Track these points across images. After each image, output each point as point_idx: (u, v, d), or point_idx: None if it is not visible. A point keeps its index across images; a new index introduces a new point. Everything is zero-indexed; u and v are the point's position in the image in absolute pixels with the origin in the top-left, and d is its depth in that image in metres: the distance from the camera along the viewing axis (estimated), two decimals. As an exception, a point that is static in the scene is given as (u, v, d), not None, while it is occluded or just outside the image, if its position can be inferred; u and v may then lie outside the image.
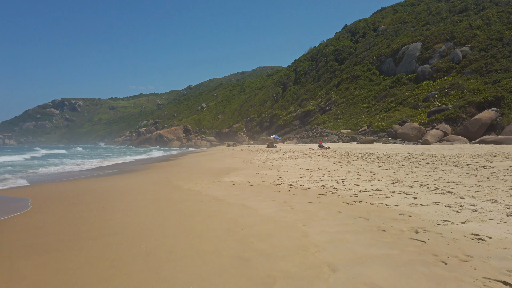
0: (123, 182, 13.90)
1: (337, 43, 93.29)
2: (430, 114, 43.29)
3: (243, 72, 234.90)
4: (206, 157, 33.73)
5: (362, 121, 54.63)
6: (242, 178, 12.72)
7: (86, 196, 10.50)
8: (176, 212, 7.50)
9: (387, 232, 5.32)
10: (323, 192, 8.78)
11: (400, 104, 52.97)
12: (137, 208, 8.20)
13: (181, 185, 11.83)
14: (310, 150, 30.56)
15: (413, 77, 58.70)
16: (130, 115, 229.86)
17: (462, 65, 52.60)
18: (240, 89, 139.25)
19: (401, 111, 50.62)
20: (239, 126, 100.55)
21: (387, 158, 16.35)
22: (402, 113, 49.36)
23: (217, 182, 12.13)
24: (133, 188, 11.85)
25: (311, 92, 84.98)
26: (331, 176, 11.62)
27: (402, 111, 50.47)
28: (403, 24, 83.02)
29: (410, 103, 51.24)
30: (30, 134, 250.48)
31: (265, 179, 12.09)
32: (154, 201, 8.99)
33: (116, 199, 9.58)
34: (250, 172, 14.94)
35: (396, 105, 53.13)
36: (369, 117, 54.71)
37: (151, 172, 18.70)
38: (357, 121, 56.07)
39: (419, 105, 49.01)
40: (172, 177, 14.79)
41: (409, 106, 50.83)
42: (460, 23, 63.52)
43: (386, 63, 67.67)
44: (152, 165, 25.80)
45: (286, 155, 24.10)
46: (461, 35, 58.35)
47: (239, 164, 19.98)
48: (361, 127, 52.63)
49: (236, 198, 8.71)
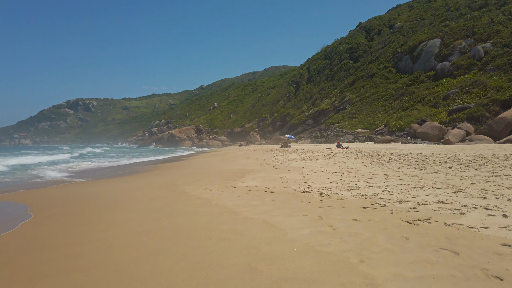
0: (123, 186, 12.22)
1: (352, 41, 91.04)
2: (451, 113, 41.36)
3: (255, 72, 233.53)
4: (218, 157, 31.99)
5: (379, 120, 52.72)
6: (259, 183, 10.98)
7: (74, 204, 8.83)
8: (177, 231, 5.73)
9: (506, 281, 3.46)
10: (367, 204, 6.95)
11: (418, 103, 50.89)
12: (128, 225, 6.44)
13: (188, 191, 10.09)
14: (329, 150, 28.64)
15: (432, 75, 56.40)
16: (143, 115, 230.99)
17: (484, 61, 50.29)
18: (252, 89, 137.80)
19: (420, 109, 48.58)
20: (251, 126, 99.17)
21: (426, 159, 14.32)
22: (420, 112, 47.38)
23: (230, 187, 10.40)
24: (132, 194, 10.12)
25: (324, 91, 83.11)
26: (368, 181, 9.73)
27: (421, 109, 48.43)
28: (420, 20, 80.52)
29: (429, 101, 49.13)
30: (45, 134, 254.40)
31: (287, 184, 10.32)
32: (153, 213, 7.22)
33: (107, 210, 7.86)
34: (268, 175, 13.22)
35: (414, 104, 51.06)
36: (386, 116, 52.75)
37: (157, 174, 17.08)
38: (373, 120, 54.16)
39: (439, 104, 46.90)
40: (179, 180, 13.11)
41: (428, 105, 48.71)
42: (480, 18, 60.99)
43: (403, 60, 65.41)
44: (159, 165, 24.14)
45: (305, 156, 22.21)
46: (482, 31, 55.92)
47: (254, 165, 18.24)
48: (378, 126, 50.75)
49: (255, 210, 6.94)
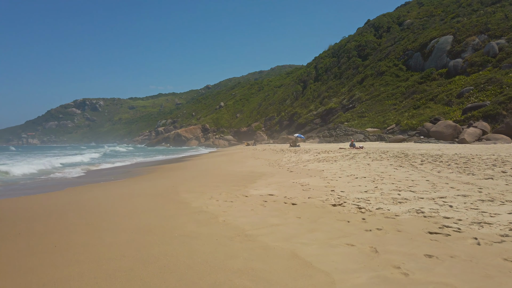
0: (115, 193, 10.47)
1: (360, 39, 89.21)
2: (465, 111, 39.77)
3: (261, 71, 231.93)
4: (225, 157, 30.23)
5: (389, 119, 51.14)
6: (275, 190, 9.22)
7: (48, 218, 7.13)
8: (168, 268, 4.00)
9: None
10: (431, 226, 5.10)
11: (430, 101, 49.17)
12: (103, 255, 4.68)
13: (190, 200, 8.33)
14: (342, 150, 26.83)
15: (444, 72, 54.55)
16: (149, 115, 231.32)
17: (499, 58, 48.52)
18: (258, 88, 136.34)
19: (432, 108, 46.89)
20: (258, 125, 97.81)
21: (468, 162, 12.39)
22: (433, 110, 45.72)
23: (241, 196, 8.62)
24: (123, 204, 8.37)
25: (332, 89, 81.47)
26: (412, 190, 7.86)
27: (434, 108, 46.74)
28: (431, 17, 78.58)
29: (442, 99, 47.38)
30: (52, 133, 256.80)
31: (310, 193, 8.51)
32: (140, 235, 5.45)
33: (82, 229, 6.11)
34: (284, 180, 11.38)
35: (426, 102, 49.35)
36: (397, 114, 51.08)
37: (158, 177, 15.30)
38: (383, 119, 52.55)
39: (452, 102, 45.17)
40: (181, 185, 11.33)
41: (441, 103, 46.98)
42: (494, 14, 59.14)
43: (413, 57, 63.53)
44: (161, 167, 22.35)
45: (320, 156, 20.28)
46: (496, 27, 54.10)
47: (265, 167, 16.43)
48: (388, 125, 49.15)
49: (277, 233, 5.15)
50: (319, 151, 24.51)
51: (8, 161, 32.28)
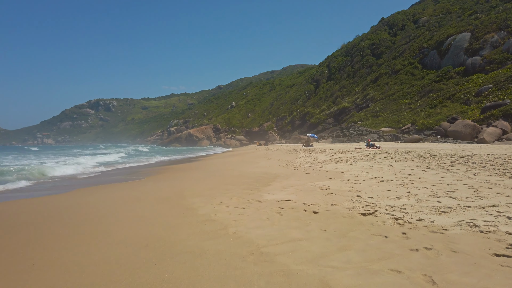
0: (118, 196, 9.58)
1: (374, 37, 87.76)
2: (484, 110, 38.43)
3: (272, 71, 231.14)
4: (236, 157, 29.25)
5: (405, 119, 49.82)
6: (293, 195, 8.21)
7: (39, 225, 6.29)
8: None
9: None
10: (496, 246, 4.02)
11: (447, 100, 47.69)
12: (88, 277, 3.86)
13: (197, 206, 7.47)
14: (358, 150, 25.74)
15: (462, 70, 52.94)
16: (162, 115, 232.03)
17: (520, 55, 46.91)
18: (270, 87, 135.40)
19: (450, 107, 45.48)
20: (269, 125, 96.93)
21: (505, 163, 11.24)
22: (450, 110, 44.33)
23: (254, 202, 7.71)
24: (124, 209, 7.48)
25: (346, 88, 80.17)
26: (452, 196, 6.78)
27: (451, 107, 45.33)
28: (447, 14, 76.86)
29: (460, 98, 45.92)
30: (67, 133, 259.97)
31: (333, 198, 7.54)
32: (137, 249, 4.56)
33: (74, 240, 5.22)
34: (301, 182, 10.32)
35: (443, 101, 47.89)
36: (412, 114, 49.74)
37: (165, 178, 14.43)
38: (398, 119, 51.25)
39: (471, 101, 43.72)
40: (189, 188, 10.48)
41: (459, 102, 45.55)
42: (514, 10, 57.45)
43: (429, 56, 61.98)
44: (170, 167, 21.54)
45: (336, 157, 19.19)
46: (516, 23, 52.38)
47: (279, 168, 15.44)
48: (404, 125, 47.90)
49: (300, 252, 4.20)
50: (335, 151, 23.41)
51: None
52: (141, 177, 15.88)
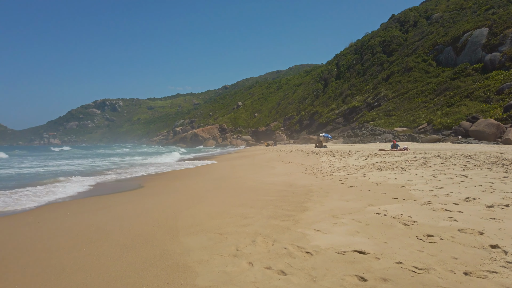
0: (80, 224, 7.03)
1: (385, 34, 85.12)
2: (507, 109, 36.20)
3: (279, 70, 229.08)
4: (245, 160, 26.64)
5: (420, 118, 47.57)
6: (359, 236, 4.95)
7: None
8: None
9: None
10: None
11: (466, 98, 45.29)
12: None
13: (195, 260, 4.51)
14: (382, 151, 23.17)
15: (480, 67, 50.40)
16: (168, 115, 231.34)
17: (543, 51, 44.38)
18: (277, 87, 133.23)
19: (468, 105, 43.15)
20: (276, 125, 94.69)
21: None
22: (470, 108, 42.04)
23: (297, 251, 4.54)
24: (68, 257, 4.91)
25: (356, 87, 77.74)
26: None
27: (470, 105, 42.99)
28: (461, 10, 74.02)
29: (479, 96, 43.50)
30: (73, 133, 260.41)
31: (447, 253, 4.12)
32: None
33: None
34: (353, 204, 7.12)
35: (461, 99, 45.50)
36: (428, 113, 47.40)
37: (151, 193, 10.98)
38: (413, 118, 48.97)
39: (491, 99, 41.34)
40: (185, 212, 7.52)
41: (478, 100, 43.17)
42: (534, 4, 54.85)
43: (444, 52, 59.34)
44: (163, 175, 18.19)
45: (373, 161, 15.95)
46: (538, 18, 49.83)
47: (303, 175, 12.83)
48: (419, 124, 45.61)
49: None
50: (364, 155, 20.01)
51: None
52: (121, 189, 12.70)
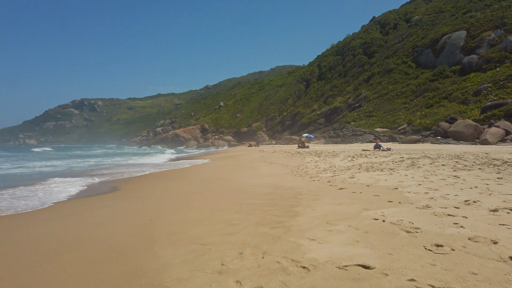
0: (42, 238, 6.48)
1: (365, 36, 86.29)
2: (485, 110, 36.97)
3: (261, 71, 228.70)
4: (229, 161, 26.29)
5: (400, 119, 48.28)
6: (359, 247, 4.24)
7: None
8: None
9: None
10: None
11: (444, 99, 46.25)
12: None
13: (175, 280, 3.77)
14: (365, 152, 23.46)
15: (458, 69, 51.55)
16: (148, 115, 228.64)
17: (518, 54, 45.49)
18: (259, 87, 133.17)
19: (447, 106, 44.04)
20: (258, 125, 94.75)
21: None
22: (448, 109, 42.88)
23: (293, 265, 3.82)
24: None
25: (337, 88, 78.53)
26: None
27: (448, 106, 43.87)
28: (440, 13, 75.71)
29: (457, 97, 44.44)
30: (50, 134, 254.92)
31: (454, 263, 3.58)
32: None
33: None
34: (347, 208, 6.49)
35: (440, 100, 46.44)
36: (408, 114, 48.17)
37: (129, 197, 10.52)
38: (393, 119, 49.68)
39: (469, 100, 42.23)
40: (164, 218, 6.99)
41: (456, 101, 44.09)
42: (510, 8, 56.17)
43: (423, 54, 60.49)
44: (144, 176, 17.70)
45: (359, 162, 15.82)
46: (513, 21, 51.05)
47: (289, 177, 12.68)
48: (400, 125, 46.30)
49: None
50: (350, 155, 19.98)
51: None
52: (96, 191, 12.46)
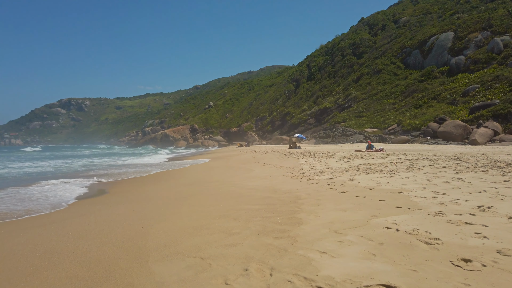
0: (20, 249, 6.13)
1: (354, 37, 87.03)
2: (473, 110, 37.57)
3: (250, 71, 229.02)
4: (219, 161, 26.00)
5: (390, 119, 48.73)
6: (382, 267, 3.74)
7: None
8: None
9: None
10: None
11: (433, 100, 46.85)
12: None
13: None
14: (359, 152, 23.75)
15: (446, 70, 52.38)
16: (137, 115, 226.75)
17: (504, 55, 46.33)
18: (249, 87, 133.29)
19: (436, 107, 44.61)
20: (248, 125, 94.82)
21: None
22: (437, 110, 43.43)
23: (298, 279, 3.60)
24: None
25: (327, 88, 79.00)
26: None
27: (437, 107, 44.45)
28: (427, 14, 76.76)
29: (446, 98, 45.05)
30: (36, 133, 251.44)
31: None
32: None
33: None
34: (353, 215, 6.08)
35: (428, 101, 47.05)
36: (397, 114, 48.69)
37: (121, 202, 9.94)
38: (383, 119, 50.14)
39: (457, 101, 42.85)
40: (156, 226, 6.46)
41: (445, 102, 44.69)
42: (496, 10, 57.05)
43: (412, 55, 61.24)
44: (135, 179, 17.27)
45: (356, 163, 15.64)
46: (499, 23, 51.83)
47: (285, 179, 12.28)
48: (389, 125, 46.75)
49: None
50: (345, 156, 19.60)
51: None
52: (69, 200, 11.30)
